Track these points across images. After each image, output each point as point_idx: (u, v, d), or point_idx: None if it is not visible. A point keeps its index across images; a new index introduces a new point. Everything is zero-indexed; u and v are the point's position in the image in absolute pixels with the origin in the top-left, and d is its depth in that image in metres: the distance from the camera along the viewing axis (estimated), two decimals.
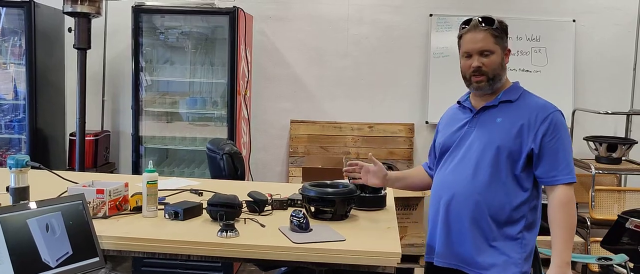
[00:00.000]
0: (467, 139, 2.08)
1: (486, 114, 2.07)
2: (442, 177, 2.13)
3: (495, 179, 2.00)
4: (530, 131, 1.98)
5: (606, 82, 4.57)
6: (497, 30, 2.03)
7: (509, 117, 2.02)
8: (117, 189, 2.22)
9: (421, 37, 4.56)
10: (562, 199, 1.96)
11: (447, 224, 2.08)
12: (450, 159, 2.12)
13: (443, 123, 2.25)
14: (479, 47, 2.02)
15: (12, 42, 4.23)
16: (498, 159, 1.99)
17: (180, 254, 1.97)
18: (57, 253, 1.79)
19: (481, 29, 2.02)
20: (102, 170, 4.30)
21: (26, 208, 1.78)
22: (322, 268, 1.98)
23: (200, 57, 4.33)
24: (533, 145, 1.97)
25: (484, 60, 2.02)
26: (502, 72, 2.06)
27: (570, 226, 1.95)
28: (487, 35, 2.01)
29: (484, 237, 2.02)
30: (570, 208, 1.96)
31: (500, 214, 2.01)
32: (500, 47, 2.04)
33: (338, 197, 2.21)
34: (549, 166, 1.97)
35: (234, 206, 2.14)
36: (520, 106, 2.04)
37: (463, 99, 2.20)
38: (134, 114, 4.15)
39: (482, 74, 2.02)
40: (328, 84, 4.63)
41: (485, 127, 2.05)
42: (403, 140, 4.57)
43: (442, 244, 2.10)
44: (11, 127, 4.29)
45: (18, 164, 2.17)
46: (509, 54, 2.08)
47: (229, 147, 3.14)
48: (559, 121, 2.00)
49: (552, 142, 1.97)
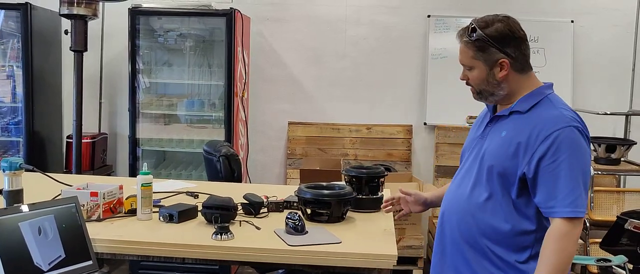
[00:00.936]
0: (477, 150, 1.86)
1: (498, 124, 1.82)
2: (449, 190, 1.95)
3: (491, 200, 1.77)
4: (527, 152, 1.69)
5: (605, 83, 4.55)
6: (478, 41, 1.74)
7: (513, 132, 1.75)
8: (111, 192, 2.20)
9: (419, 38, 4.55)
10: (556, 233, 1.65)
11: (441, 241, 1.92)
12: (461, 169, 1.92)
13: (473, 125, 2.03)
14: (460, 60, 1.82)
15: (10, 45, 4.22)
16: (491, 178, 1.76)
17: (175, 258, 1.96)
18: (50, 256, 1.77)
19: (462, 40, 1.80)
20: (99, 172, 4.28)
21: (18, 211, 1.77)
22: (317, 270, 1.96)
23: (198, 59, 4.32)
24: (526, 169, 1.69)
25: (467, 74, 1.81)
26: (490, 88, 1.78)
27: (557, 265, 1.63)
28: (464, 48, 1.79)
29: (484, 258, 1.80)
30: (564, 244, 1.64)
31: (499, 239, 1.77)
32: (484, 60, 1.75)
33: (334, 199, 2.20)
34: (547, 195, 1.67)
35: (229, 209, 2.13)
36: (528, 119, 1.73)
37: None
38: (131, 116, 4.13)
39: (470, 86, 1.83)
40: (326, 85, 4.62)
41: (491, 140, 1.81)
42: (401, 141, 4.55)
43: (436, 259, 1.95)
44: (8, 130, 4.28)
45: (12, 167, 2.16)
46: (505, 65, 1.74)
47: (226, 149, 3.13)
48: (566, 139, 1.66)
49: (551, 166, 1.66)
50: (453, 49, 4.50)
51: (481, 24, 1.77)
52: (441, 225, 1.92)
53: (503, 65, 1.74)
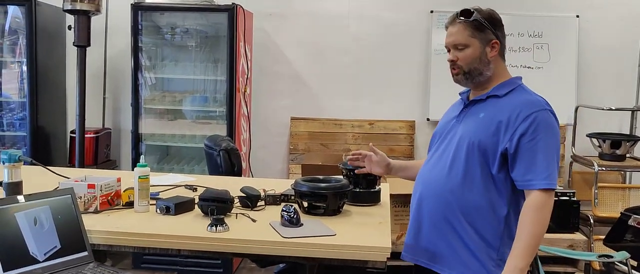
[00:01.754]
0: (452, 133, 2.01)
1: (473, 108, 2.00)
2: (423, 172, 2.08)
3: (470, 177, 1.90)
4: (508, 129, 1.85)
5: (610, 78, 4.51)
6: (476, 22, 1.92)
7: (492, 113, 1.91)
8: (108, 184, 2.21)
9: (422, 34, 4.53)
10: (534, 203, 1.81)
11: (418, 221, 2.03)
12: (435, 152, 2.06)
13: (444, 115, 2.19)
14: (451, 40, 1.96)
15: (13, 41, 4.25)
16: (473, 156, 1.89)
17: (170, 249, 1.97)
18: (45, 246, 1.79)
19: (457, 21, 1.95)
20: (102, 167, 4.31)
21: (14, 201, 1.78)
22: (312, 263, 1.96)
23: (202, 55, 4.33)
24: (508, 144, 1.84)
25: (457, 54, 1.95)
26: (481, 66, 1.94)
27: (535, 234, 1.79)
28: (461, 28, 1.93)
29: (457, 237, 1.93)
30: (542, 215, 1.80)
31: (475, 216, 1.90)
32: (479, 39, 1.92)
33: (330, 192, 2.20)
34: (525, 169, 1.83)
35: (225, 201, 2.13)
36: (506, 102, 1.92)
37: (464, 91, 2.13)
38: (134, 112, 4.15)
39: (457, 67, 1.96)
40: (328, 81, 4.62)
41: (468, 122, 1.97)
42: (404, 137, 4.54)
43: (412, 240, 2.05)
44: (14, 125, 4.31)
45: (11, 159, 2.17)
46: (496, 46, 1.94)
47: (226, 144, 3.14)
48: (543, 121, 1.84)
49: (530, 143, 1.82)
50: None
51: (474, 8, 1.95)
52: (418, 205, 2.03)
53: (495, 46, 1.95)
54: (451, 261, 1.95)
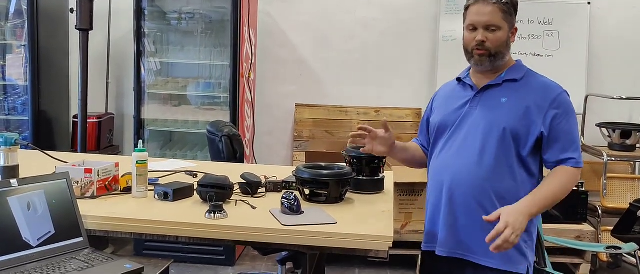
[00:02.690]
0: (469, 120, 1.96)
1: (489, 93, 1.96)
2: (444, 161, 1.99)
3: (501, 163, 1.89)
4: (540, 113, 1.88)
5: (621, 66, 4.42)
6: (507, 5, 1.91)
7: (515, 97, 1.91)
8: (106, 169, 2.17)
9: (430, 20, 4.45)
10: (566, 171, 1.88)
11: (451, 212, 1.96)
12: (451, 140, 1.98)
13: (439, 100, 2.13)
14: (484, 20, 1.90)
15: (16, 24, 4.21)
16: (504, 141, 1.89)
17: (168, 236, 1.93)
18: (39, 232, 1.75)
19: (490, 2, 1.90)
20: (105, 152, 4.27)
21: (7, 185, 1.74)
22: (313, 251, 1.92)
23: (206, 40, 4.27)
24: (543, 128, 1.88)
25: (488, 35, 1.91)
26: (505, 50, 1.94)
27: (556, 195, 1.87)
28: (496, 9, 1.90)
29: (492, 224, 1.85)
30: (569, 185, 1.88)
31: (508, 200, 1.87)
32: (508, 23, 1.93)
33: (332, 180, 2.14)
34: (560, 150, 1.89)
35: (224, 187, 2.08)
36: (526, 86, 1.93)
37: (463, 75, 2.07)
38: (136, 97, 4.11)
39: (485, 49, 1.91)
40: (334, 67, 4.55)
41: (490, 108, 1.93)
42: (410, 125, 4.48)
43: (446, 233, 1.97)
44: (16, 109, 4.28)
45: (7, 143, 2.14)
46: (515, 32, 1.97)
47: (228, 130, 3.09)
48: (567, 102, 1.92)
49: (561, 125, 1.88)
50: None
51: None
52: (449, 197, 1.95)
53: (514, 32, 1.97)
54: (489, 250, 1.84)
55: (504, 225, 1.75)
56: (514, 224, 1.75)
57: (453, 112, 2.01)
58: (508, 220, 1.75)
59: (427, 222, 2.10)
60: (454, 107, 2.01)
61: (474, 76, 2.03)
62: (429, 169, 2.11)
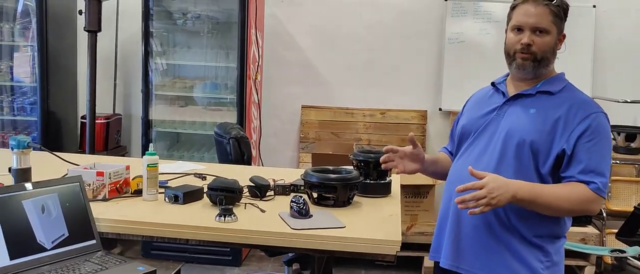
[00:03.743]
0: (493, 127, 1.83)
1: (520, 102, 1.81)
2: (460, 168, 1.86)
3: (519, 176, 1.73)
4: (566, 129, 1.72)
5: (626, 70, 4.43)
6: (558, 8, 1.77)
7: (544, 110, 1.76)
8: (117, 172, 2.20)
9: (436, 23, 4.46)
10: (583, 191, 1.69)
11: (457, 223, 1.84)
12: (472, 147, 1.87)
13: (470, 105, 2.01)
14: (533, 22, 1.75)
15: (24, 25, 4.25)
16: (523, 155, 1.75)
17: (178, 239, 1.95)
18: (53, 234, 1.78)
19: (540, 2, 1.75)
20: (113, 153, 4.30)
21: (22, 188, 1.77)
22: (321, 254, 1.95)
23: (213, 41, 4.30)
24: (565, 145, 1.72)
25: (535, 39, 1.75)
26: (551, 57, 1.79)
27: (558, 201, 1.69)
28: (546, 11, 1.75)
29: (500, 240, 1.78)
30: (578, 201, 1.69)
31: (521, 217, 1.76)
32: (557, 28, 1.78)
33: (340, 183, 2.17)
34: (582, 170, 1.70)
35: (234, 191, 2.11)
36: (561, 100, 1.77)
37: (498, 81, 1.93)
38: (144, 98, 4.14)
39: (530, 52, 1.76)
40: (340, 69, 4.57)
41: (516, 117, 1.79)
42: (416, 127, 4.49)
43: (450, 246, 1.86)
44: (25, 109, 4.31)
45: (20, 145, 2.17)
46: (563, 39, 1.81)
47: (236, 132, 3.12)
48: (601, 123, 1.73)
49: (587, 144, 1.70)
50: (470, 33, 4.42)
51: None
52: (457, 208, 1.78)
53: (562, 39, 1.82)
54: (497, 267, 1.78)
55: (482, 184, 1.63)
56: (492, 191, 1.62)
57: (479, 118, 1.89)
58: (489, 184, 1.62)
59: (436, 229, 2.00)
60: (481, 113, 1.89)
61: (510, 82, 1.89)
62: (448, 175, 1.98)
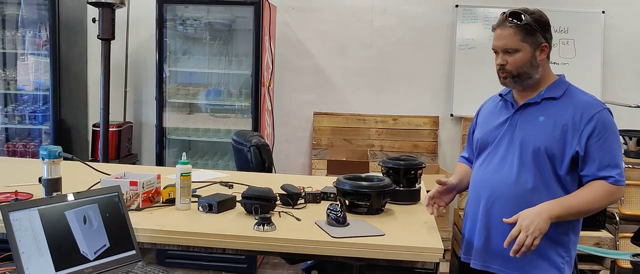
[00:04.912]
0: (508, 138, 1.98)
1: (528, 111, 1.96)
2: (483, 175, 2.03)
3: (539, 182, 1.90)
4: (575, 132, 1.87)
5: (636, 75, 4.47)
6: (527, 26, 1.89)
7: (552, 117, 1.91)
8: (150, 181, 2.19)
9: (447, 29, 4.49)
10: (604, 187, 1.84)
11: (487, 227, 1.99)
12: (491, 157, 2.01)
13: (482, 115, 2.16)
14: (501, 44, 1.92)
15: (35, 33, 4.22)
16: (540, 161, 1.90)
17: (216, 248, 1.94)
18: (95, 245, 1.76)
19: (507, 25, 1.91)
20: (124, 161, 4.29)
21: (64, 199, 1.76)
22: (360, 262, 1.94)
23: (222, 48, 4.29)
24: (578, 147, 1.86)
25: (507, 58, 1.92)
26: (531, 70, 1.92)
27: (586, 204, 1.84)
28: (512, 32, 1.89)
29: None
30: (602, 198, 1.84)
31: None
32: (530, 43, 1.90)
33: (374, 191, 2.17)
34: (598, 165, 1.85)
35: (269, 199, 2.11)
36: (565, 104, 1.91)
37: (505, 92, 2.08)
38: (158, 105, 4.13)
39: (505, 71, 1.93)
40: (352, 75, 4.58)
41: (527, 126, 1.94)
42: (428, 133, 4.51)
43: (481, 247, 2.01)
44: (33, 118, 4.29)
45: (51, 155, 2.15)
46: (546, 49, 1.92)
47: (257, 139, 3.11)
48: (606, 120, 1.88)
49: (598, 142, 1.85)
50: (481, 39, 4.45)
51: (523, 10, 1.92)
52: (487, 210, 1.98)
53: (544, 49, 1.93)
54: (525, 265, 1.93)
55: (517, 229, 1.79)
56: (528, 227, 1.77)
57: (493, 130, 2.04)
58: (522, 224, 1.79)
59: (465, 232, 2.13)
60: (495, 125, 2.04)
61: (516, 92, 2.03)
62: (470, 181, 2.14)
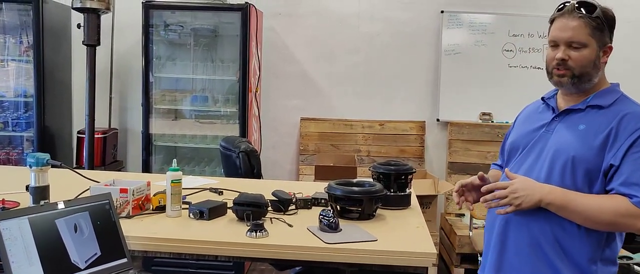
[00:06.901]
0: (541, 144, 1.75)
1: (570, 118, 1.73)
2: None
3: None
4: (615, 143, 1.62)
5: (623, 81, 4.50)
6: (597, 20, 1.65)
7: (594, 126, 1.66)
8: (140, 188, 2.17)
9: (432, 34, 4.52)
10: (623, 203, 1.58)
11: (502, 243, 1.77)
12: (520, 163, 1.79)
13: (520, 119, 1.93)
14: (567, 36, 1.66)
15: (19, 39, 4.17)
16: (572, 172, 1.65)
17: (207, 255, 1.93)
18: (86, 253, 1.74)
19: (576, 15, 1.66)
20: (110, 168, 4.24)
21: (54, 208, 1.74)
22: (352, 268, 1.94)
23: (207, 54, 4.28)
24: (613, 160, 1.61)
25: (571, 53, 1.66)
26: (593, 71, 1.68)
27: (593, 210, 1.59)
28: (582, 24, 1.65)
29: (547, 264, 1.69)
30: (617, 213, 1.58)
31: (570, 239, 1.66)
32: (597, 41, 1.67)
33: (366, 197, 2.17)
34: (623, 182, 1.59)
35: (261, 206, 2.10)
36: (611, 114, 1.67)
37: (548, 95, 1.85)
38: (144, 112, 4.10)
39: (566, 68, 1.68)
40: (338, 81, 4.59)
41: (565, 133, 1.71)
42: (414, 138, 4.53)
43: (495, 258, 1.80)
44: (15, 124, 4.23)
45: (38, 163, 2.12)
46: (609, 51, 1.70)
47: (245, 145, 3.10)
48: None
49: (635, 155, 1.59)
50: (466, 44, 4.49)
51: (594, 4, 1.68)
52: (505, 224, 1.76)
53: (607, 51, 1.70)
54: None
55: (506, 184, 1.64)
56: (515, 191, 1.63)
57: (527, 134, 1.82)
58: (515, 182, 1.64)
59: (484, 244, 1.92)
60: (530, 129, 1.82)
61: (561, 97, 1.80)
62: None
